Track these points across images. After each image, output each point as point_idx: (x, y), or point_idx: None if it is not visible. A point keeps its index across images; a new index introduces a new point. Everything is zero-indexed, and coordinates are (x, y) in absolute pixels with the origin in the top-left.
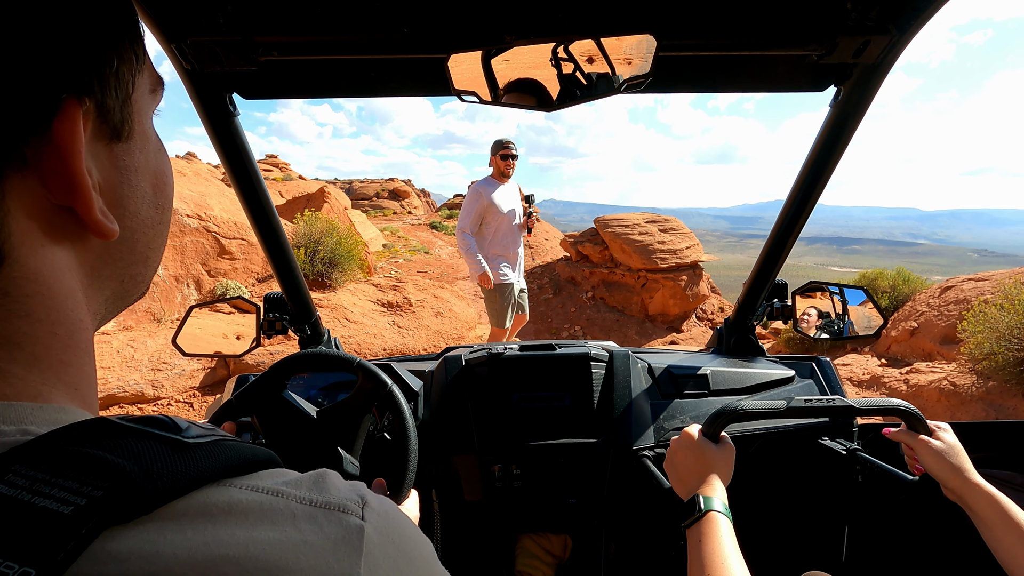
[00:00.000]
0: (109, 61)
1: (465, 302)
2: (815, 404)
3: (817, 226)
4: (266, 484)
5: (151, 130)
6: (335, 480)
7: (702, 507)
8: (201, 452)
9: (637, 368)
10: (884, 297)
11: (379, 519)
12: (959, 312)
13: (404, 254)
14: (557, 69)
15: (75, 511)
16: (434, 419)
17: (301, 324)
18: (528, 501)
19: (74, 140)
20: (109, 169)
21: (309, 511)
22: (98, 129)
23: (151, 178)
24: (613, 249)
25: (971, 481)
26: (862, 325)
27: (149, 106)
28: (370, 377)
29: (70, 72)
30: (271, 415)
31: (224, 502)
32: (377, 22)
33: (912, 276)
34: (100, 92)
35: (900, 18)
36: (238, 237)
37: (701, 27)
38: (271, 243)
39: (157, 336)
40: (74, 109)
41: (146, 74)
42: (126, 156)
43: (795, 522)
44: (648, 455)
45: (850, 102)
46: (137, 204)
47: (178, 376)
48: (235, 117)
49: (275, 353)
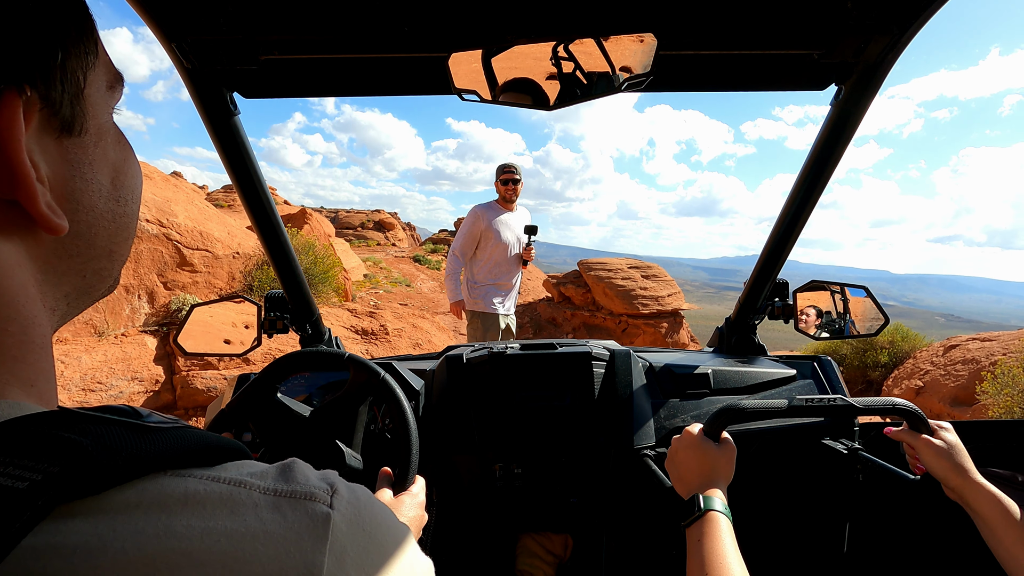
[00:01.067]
0: (52, 54)
1: (446, 334)
2: (816, 403)
3: (793, 283)
4: (228, 475)
5: (109, 124)
6: (304, 469)
7: (702, 506)
8: (163, 435)
9: (638, 367)
10: (883, 353)
11: (348, 507)
12: (968, 372)
13: (385, 285)
14: (558, 68)
15: (30, 486)
16: (435, 418)
17: (302, 323)
18: (529, 500)
19: (13, 130)
20: (59, 163)
21: (273, 500)
22: (46, 123)
23: (109, 171)
24: (596, 292)
25: (973, 480)
26: (863, 324)
27: (106, 101)
28: (361, 369)
29: (9, 63)
30: (266, 420)
31: (180, 492)
32: (378, 21)
33: (910, 333)
34: (44, 85)
35: (901, 17)
36: (202, 248)
37: (702, 26)
38: (272, 242)
39: (95, 352)
40: (13, 100)
41: (101, 70)
42: (78, 150)
43: (796, 521)
44: (649, 454)
45: (851, 101)
46: (92, 198)
47: (113, 399)
48: (235, 116)
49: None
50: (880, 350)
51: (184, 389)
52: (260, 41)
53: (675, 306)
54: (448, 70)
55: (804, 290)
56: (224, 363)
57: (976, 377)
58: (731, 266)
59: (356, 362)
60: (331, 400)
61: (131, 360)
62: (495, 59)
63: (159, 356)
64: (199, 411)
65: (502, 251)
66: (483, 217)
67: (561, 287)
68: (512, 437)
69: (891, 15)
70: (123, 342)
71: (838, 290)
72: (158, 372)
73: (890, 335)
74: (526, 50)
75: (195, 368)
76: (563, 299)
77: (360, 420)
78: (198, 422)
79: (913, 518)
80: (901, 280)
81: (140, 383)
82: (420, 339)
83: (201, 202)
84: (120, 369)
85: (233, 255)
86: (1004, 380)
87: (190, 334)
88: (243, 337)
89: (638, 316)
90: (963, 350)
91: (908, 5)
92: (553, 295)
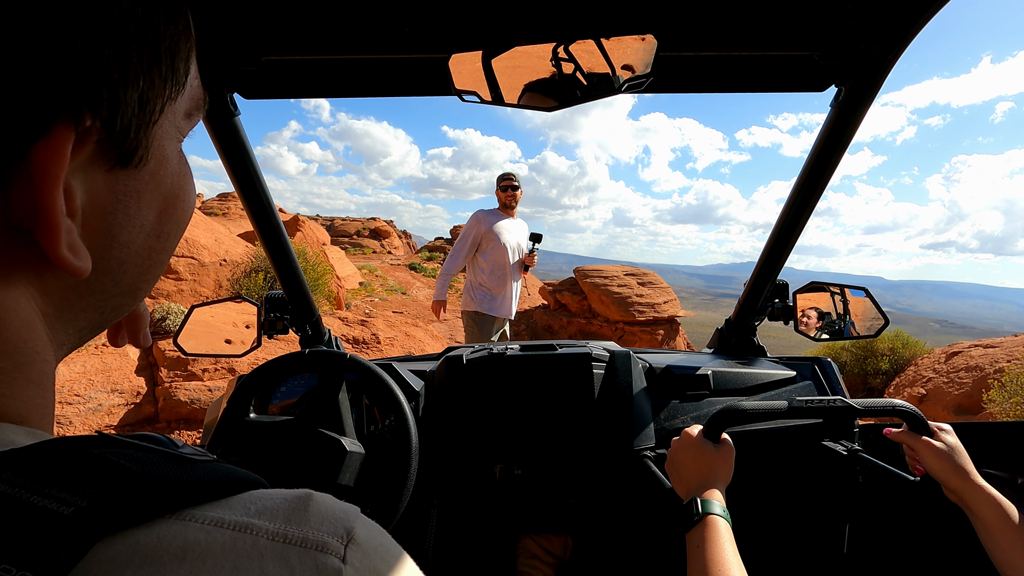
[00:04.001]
0: (132, 81)
1: (440, 343)
2: (816, 405)
3: (789, 287)
4: (233, 516)
5: (174, 152)
6: (320, 506)
7: (700, 510)
8: (200, 467)
9: (638, 368)
10: (884, 360)
11: (363, 559)
12: (972, 380)
13: (380, 293)
14: (558, 69)
15: (76, 512)
16: (435, 419)
17: (302, 324)
18: (529, 501)
19: (56, 167)
20: (103, 196)
21: (280, 549)
22: (101, 154)
23: (159, 205)
24: (592, 300)
25: (972, 482)
26: (863, 325)
27: (179, 130)
28: (326, 359)
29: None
30: (246, 443)
31: (179, 545)
32: (378, 22)
33: (911, 339)
34: (110, 112)
35: (901, 17)
36: (188, 256)
37: (702, 28)
38: (272, 241)
39: (73, 363)
40: (64, 133)
41: (186, 96)
42: (130, 182)
43: (796, 523)
44: (649, 455)
45: (851, 102)
46: (131, 234)
47: (92, 412)
48: (236, 117)
49: None
50: (881, 357)
51: (167, 401)
52: (260, 41)
53: (671, 313)
54: (448, 71)
55: (804, 291)
56: (208, 374)
57: (981, 385)
58: (727, 273)
59: (318, 354)
60: (311, 397)
61: (111, 371)
62: (495, 60)
63: (141, 367)
64: (182, 424)
65: (503, 254)
66: (484, 220)
67: (557, 294)
68: (512, 438)
69: (891, 15)
70: (103, 352)
71: (838, 291)
72: (140, 384)
73: (890, 341)
74: (526, 51)
75: (178, 379)
76: (559, 306)
77: (344, 408)
78: (181, 435)
79: (913, 520)
80: (895, 286)
81: (120, 395)
82: (413, 348)
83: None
84: (100, 381)
85: (220, 262)
86: (1012, 388)
87: (190, 334)
88: (243, 337)
89: (634, 323)
90: (966, 357)
91: (908, 5)
92: (549, 302)
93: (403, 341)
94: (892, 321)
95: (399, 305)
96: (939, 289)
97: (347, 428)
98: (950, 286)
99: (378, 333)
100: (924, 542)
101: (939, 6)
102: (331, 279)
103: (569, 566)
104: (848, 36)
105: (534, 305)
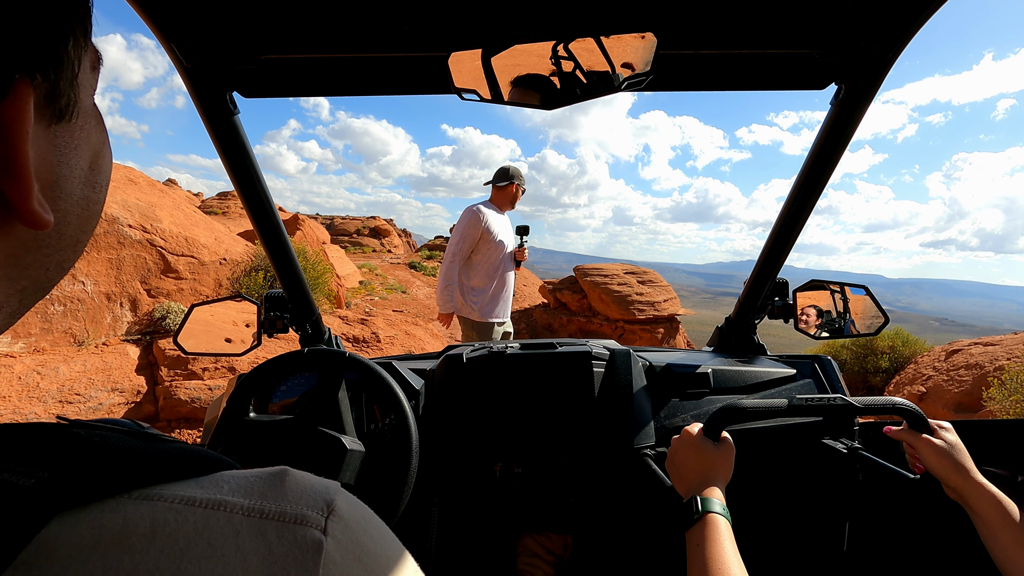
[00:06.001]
0: (65, 38)
1: (440, 341)
2: (816, 403)
3: (790, 286)
4: (205, 495)
5: (91, 106)
6: (297, 481)
7: (700, 509)
8: (168, 445)
9: (638, 367)
10: (884, 358)
11: (345, 532)
12: (972, 378)
13: (381, 292)
14: (557, 67)
15: (37, 483)
16: (435, 417)
17: (302, 322)
18: (529, 500)
19: (22, 123)
20: (47, 151)
21: (257, 524)
22: (41, 110)
23: (89, 155)
24: (592, 298)
25: (973, 480)
26: (863, 323)
27: (91, 83)
28: (326, 358)
29: (23, 48)
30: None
31: (147, 525)
32: (378, 20)
33: (911, 338)
34: (54, 71)
35: (901, 15)
36: (188, 255)
37: (702, 26)
38: (272, 241)
39: (74, 362)
40: (25, 89)
41: (90, 50)
42: (67, 136)
43: (796, 521)
44: (649, 454)
45: (851, 100)
46: (73, 185)
47: (92, 411)
48: (235, 115)
49: None
50: (881, 355)
51: (167, 400)
52: (260, 40)
53: (671, 311)
54: (448, 69)
55: (804, 289)
56: (209, 373)
57: (981, 383)
58: (727, 271)
59: (316, 353)
60: (311, 396)
61: (112, 370)
62: (495, 58)
63: (141, 366)
64: (182, 422)
65: (499, 252)
66: (483, 218)
67: (557, 293)
68: (512, 437)
69: (891, 13)
70: (104, 351)
71: (838, 289)
72: (140, 382)
73: (890, 339)
74: (526, 49)
75: (178, 378)
76: (559, 305)
77: (344, 405)
78: (181, 434)
79: (913, 517)
80: (895, 285)
81: (121, 394)
82: (413, 346)
83: (187, 207)
84: (100, 380)
85: (220, 261)
86: (1012, 386)
87: (190, 333)
88: (243, 336)
89: (634, 322)
90: (966, 355)
91: (908, 2)
92: (549, 301)
93: (403, 340)
94: (892, 319)
95: (399, 304)
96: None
97: (347, 426)
98: (950, 284)
99: (378, 332)
100: (924, 540)
101: (939, 3)
102: (331, 278)
103: (569, 564)
104: (848, 34)
105: (534, 304)
